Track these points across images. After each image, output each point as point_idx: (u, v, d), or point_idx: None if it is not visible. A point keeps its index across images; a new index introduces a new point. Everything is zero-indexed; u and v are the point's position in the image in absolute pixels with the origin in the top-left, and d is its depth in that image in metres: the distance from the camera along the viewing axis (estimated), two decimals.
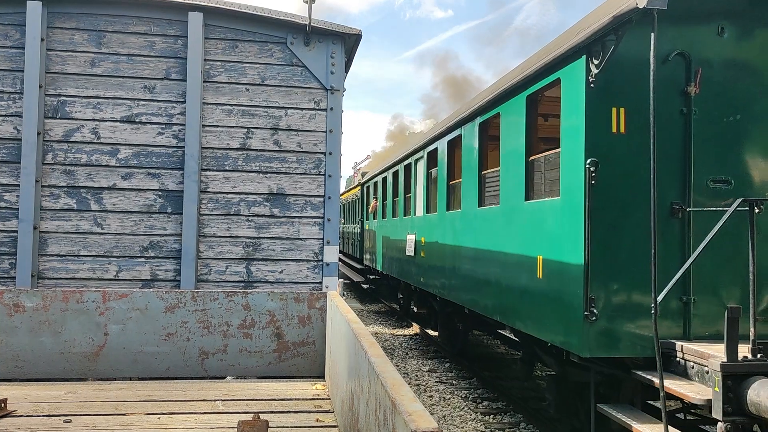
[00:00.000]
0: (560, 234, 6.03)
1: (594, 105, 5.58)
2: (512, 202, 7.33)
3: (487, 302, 8.31)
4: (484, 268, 8.35)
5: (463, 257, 9.34)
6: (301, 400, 4.69)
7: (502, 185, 7.68)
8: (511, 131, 7.43)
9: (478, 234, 8.64)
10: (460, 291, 9.54)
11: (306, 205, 5.93)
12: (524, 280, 6.91)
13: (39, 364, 5.19)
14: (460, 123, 9.61)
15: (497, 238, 7.83)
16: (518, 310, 7.18)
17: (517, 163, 7.19)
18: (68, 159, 5.62)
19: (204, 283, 5.75)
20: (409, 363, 11.97)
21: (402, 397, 2.16)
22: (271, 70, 5.91)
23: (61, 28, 5.65)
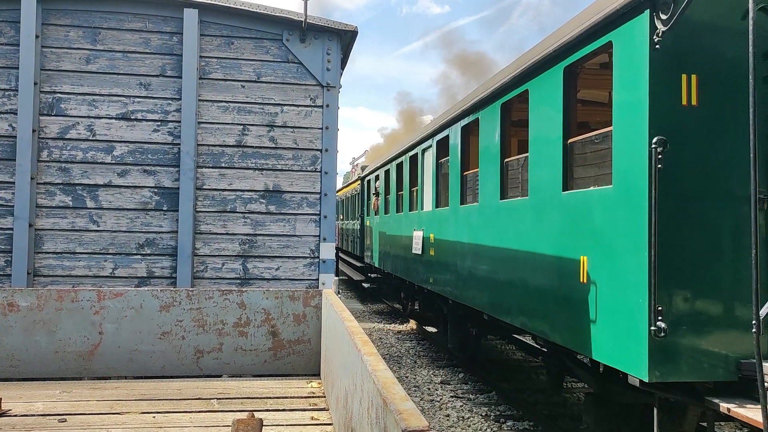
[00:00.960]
0: (614, 230, 5.12)
1: (660, 71, 4.68)
2: (545, 194, 6.38)
3: (510, 308, 7.40)
4: (508, 269, 7.47)
5: (481, 256, 8.43)
6: (296, 398, 4.68)
7: (532, 174, 6.71)
8: (543, 110, 6.48)
9: (499, 230, 7.76)
10: (477, 294, 8.67)
11: (302, 202, 5.91)
12: (561, 284, 6.02)
13: (34, 364, 5.18)
14: (477, 106, 8.66)
15: (524, 235, 6.93)
16: (551, 318, 6.27)
17: (551, 148, 6.22)
18: (63, 156, 5.60)
19: (200, 280, 5.73)
20: (419, 373, 10.94)
21: (393, 395, 2.15)
22: (266, 67, 5.88)
23: (55, 24, 5.62)
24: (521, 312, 7.06)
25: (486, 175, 8.26)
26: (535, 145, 6.66)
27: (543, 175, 6.43)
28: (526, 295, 6.91)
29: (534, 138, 6.71)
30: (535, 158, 6.65)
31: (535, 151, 6.65)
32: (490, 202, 8.07)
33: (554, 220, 6.19)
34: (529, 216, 6.83)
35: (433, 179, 11.23)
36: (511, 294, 7.37)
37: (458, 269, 9.52)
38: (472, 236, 8.80)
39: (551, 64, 6.30)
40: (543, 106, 6.48)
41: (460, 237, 9.44)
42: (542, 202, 6.47)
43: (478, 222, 8.56)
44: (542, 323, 6.48)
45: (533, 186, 6.69)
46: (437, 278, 10.85)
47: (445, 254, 10.30)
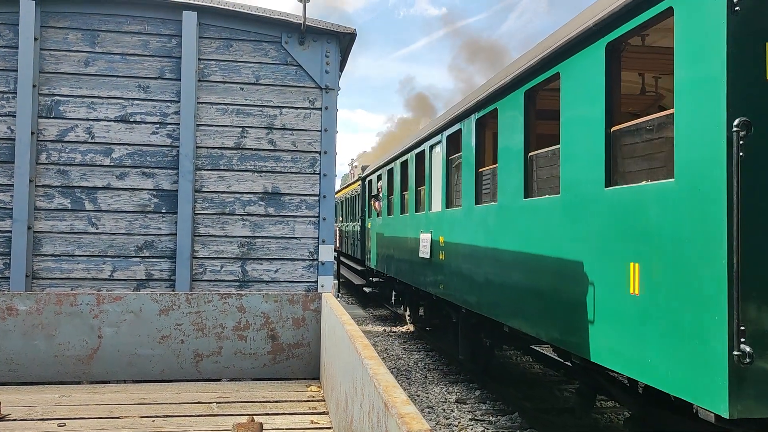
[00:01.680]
0: (677, 233, 4.31)
1: (741, 39, 3.89)
2: (582, 191, 5.64)
3: (537, 321, 6.62)
4: (534, 276, 6.69)
5: (500, 262, 7.65)
6: (295, 402, 4.66)
7: (565, 169, 5.95)
8: (579, 95, 5.73)
9: (522, 233, 6.98)
10: (495, 303, 7.90)
11: (301, 204, 5.90)
12: (603, 296, 5.25)
13: (33, 368, 5.16)
14: (495, 96, 7.84)
15: (554, 238, 6.16)
16: (591, 335, 5.48)
17: (590, 138, 5.50)
18: (62, 159, 5.58)
19: (199, 283, 5.72)
20: (432, 391, 9.86)
21: (395, 399, 2.14)
22: (265, 69, 5.87)
23: (54, 27, 5.61)
24: (552, 326, 6.27)
25: (506, 171, 7.45)
26: (569, 135, 5.88)
27: (579, 169, 5.67)
28: (558, 307, 6.11)
29: (567, 127, 5.92)
30: (569, 151, 5.85)
31: (569, 142, 5.86)
32: (512, 201, 7.26)
33: (594, 220, 5.42)
34: (560, 216, 6.03)
35: (442, 177, 10.37)
36: (539, 305, 6.56)
37: (473, 275, 8.76)
38: (490, 239, 8.04)
39: (591, 41, 5.51)
40: (579, 90, 5.71)
41: (474, 240, 8.65)
42: (578, 200, 5.68)
43: (497, 223, 7.79)
44: (578, 339, 5.66)
45: (566, 182, 5.89)
46: (448, 284, 10.03)
47: (456, 258, 9.52)
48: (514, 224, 7.20)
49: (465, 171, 9.10)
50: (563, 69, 6.05)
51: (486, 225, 8.18)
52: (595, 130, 5.43)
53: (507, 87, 7.43)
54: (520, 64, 7.06)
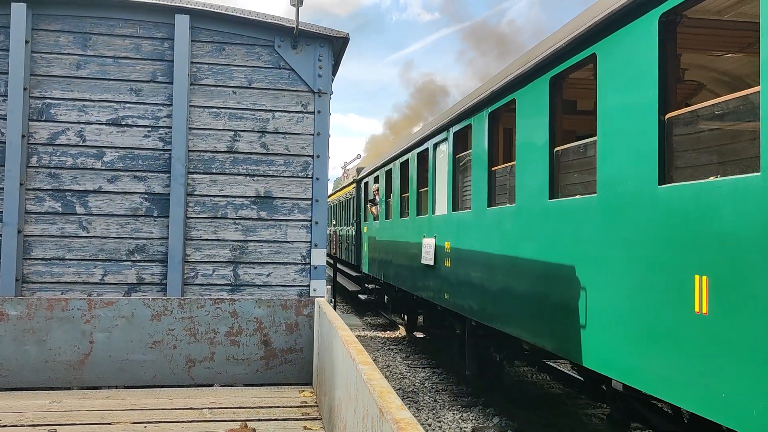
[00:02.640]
0: (763, 239, 3.57)
1: None
2: (626, 189, 4.89)
3: (569, 339, 5.78)
4: (559, 289, 5.98)
5: (519, 271, 6.87)
6: (288, 407, 4.65)
7: (603, 165, 5.26)
8: (622, 78, 5.03)
9: (548, 238, 6.22)
10: (511, 317, 7.11)
11: (293, 208, 5.89)
12: (659, 314, 4.45)
13: (23, 373, 5.12)
14: (513, 85, 7.08)
15: (590, 245, 5.39)
16: (640, 360, 4.66)
17: (637, 127, 4.78)
18: (53, 162, 5.55)
19: (191, 287, 5.69)
20: (444, 417, 8.75)
21: (390, 404, 2.13)
22: (258, 73, 5.86)
23: (46, 30, 5.58)
24: (586, 347, 5.48)
25: (527, 169, 6.72)
26: (610, 125, 5.18)
27: (623, 165, 4.98)
28: (595, 326, 5.34)
29: (606, 117, 5.26)
30: (610, 143, 5.19)
31: (610, 133, 5.18)
32: (534, 202, 6.51)
33: (643, 224, 4.68)
34: (597, 220, 5.31)
35: (449, 178, 9.57)
36: (567, 322, 5.78)
37: (485, 285, 7.97)
38: (506, 245, 7.27)
39: (639, 13, 4.80)
40: (623, 72, 5.02)
41: (487, 246, 7.89)
42: (622, 200, 4.98)
43: (515, 228, 7.02)
44: (622, 364, 4.91)
45: (606, 180, 5.21)
46: (454, 294, 9.26)
47: (465, 266, 8.75)
48: (537, 229, 6.45)
49: (475, 170, 8.36)
50: (602, 49, 5.31)
51: (501, 229, 7.46)
52: (644, 118, 4.67)
53: (528, 74, 6.64)
54: (544, 48, 6.25)
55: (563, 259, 5.91)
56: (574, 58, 5.79)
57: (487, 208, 7.92)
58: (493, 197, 7.89)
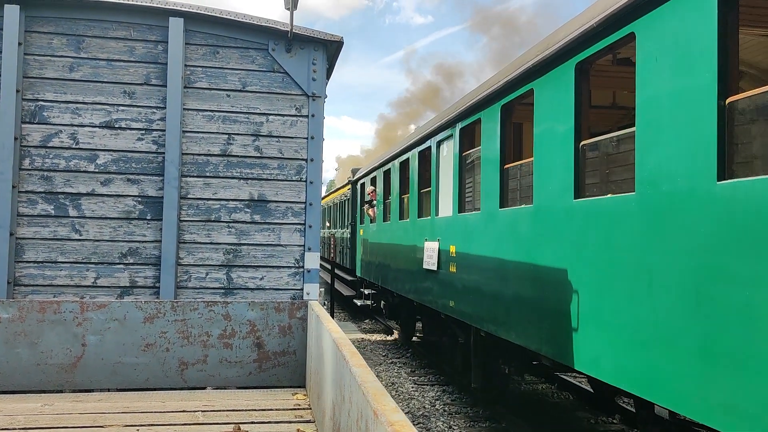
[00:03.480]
0: None
1: None
2: (675, 186, 4.26)
3: (601, 357, 5.16)
4: (589, 300, 5.31)
5: (538, 279, 6.28)
6: (281, 410, 4.64)
7: (643, 158, 4.63)
8: (665, 61, 4.42)
9: (573, 243, 5.58)
10: (529, 330, 6.49)
11: (287, 212, 5.89)
12: (720, 333, 3.84)
13: (15, 377, 5.09)
14: (530, 74, 6.49)
15: (630, 250, 4.74)
16: (699, 384, 3.98)
17: (687, 114, 4.16)
18: (46, 164, 5.53)
19: (184, 290, 5.68)
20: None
21: (384, 407, 2.14)
22: (252, 77, 5.87)
23: (39, 32, 5.57)
24: (628, 369, 4.76)
25: (548, 166, 6.14)
26: (652, 114, 4.57)
27: (670, 159, 4.36)
28: (636, 345, 4.66)
29: (648, 105, 4.63)
30: (651, 135, 4.57)
31: (652, 123, 4.57)
32: (556, 202, 5.95)
33: (697, 227, 4.04)
34: (636, 221, 4.69)
35: (454, 177, 8.98)
36: (604, 338, 5.11)
37: (496, 293, 7.39)
38: (521, 250, 6.69)
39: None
40: (669, 52, 4.39)
41: (498, 251, 7.31)
42: (668, 199, 4.34)
43: (533, 230, 6.43)
44: (674, 389, 4.22)
45: (647, 176, 4.62)
46: (460, 302, 8.66)
47: (473, 272, 8.17)
48: (559, 231, 5.87)
49: (485, 168, 7.78)
50: (643, 26, 4.69)
51: (515, 232, 6.86)
52: (699, 103, 4.07)
53: (550, 61, 6.03)
54: (569, 31, 5.68)
55: (591, 267, 5.28)
56: (607, 39, 5.14)
57: (498, 210, 7.37)
58: (506, 197, 7.33)
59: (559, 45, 5.78)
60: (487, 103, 7.76)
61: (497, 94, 7.39)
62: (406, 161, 12.36)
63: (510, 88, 7.08)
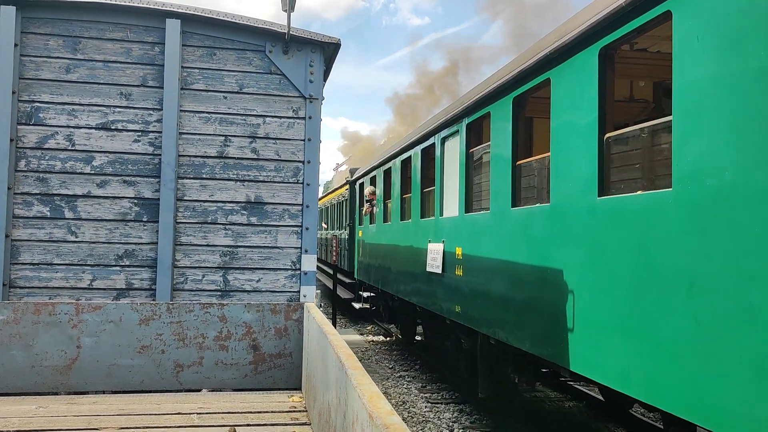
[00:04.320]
0: None
1: None
2: (723, 180, 3.77)
3: (625, 370, 4.65)
4: (618, 308, 4.76)
5: (557, 284, 5.74)
6: (277, 412, 4.63)
7: (683, 151, 4.12)
8: (711, 41, 3.92)
9: (599, 244, 5.08)
10: (547, 338, 5.93)
11: (284, 214, 5.88)
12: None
13: (9, 378, 5.07)
14: (546, 63, 6.00)
15: (669, 252, 4.22)
16: (745, 401, 3.54)
17: (740, 100, 3.69)
18: (42, 166, 5.52)
19: (180, 292, 5.67)
20: None
21: (379, 410, 2.13)
22: (249, 78, 5.86)
23: (35, 33, 5.55)
24: (679, 391, 4.09)
25: (566, 160, 5.68)
26: (693, 101, 4.06)
27: (714, 149, 3.85)
28: (676, 359, 4.11)
29: (686, 91, 4.13)
30: (694, 125, 4.05)
31: (694, 111, 4.05)
32: (576, 201, 5.49)
33: (752, 227, 3.56)
34: (674, 221, 4.18)
35: (460, 175, 8.53)
36: (634, 352, 4.55)
37: (507, 299, 6.92)
38: (536, 253, 6.23)
39: None
40: (713, 31, 3.91)
41: (510, 253, 6.84)
42: (716, 195, 3.82)
43: (550, 231, 5.96)
44: (725, 410, 3.71)
45: (685, 170, 4.09)
46: (467, 307, 8.20)
47: (481, 276, 7.72)
48: (581, 231, 5.39)
49: (495, 165, 7.32)
50: (679, 4, 4.23)
51: (529, 233, 6.41)
52: (746, 86, 3.64)
53: (570, 47, 5.61)
54: (593, 12, 5.21)
55: (618, 271, 4.80)
56: (637, 20, 4.67)
57: (510, 209, 6.87)
58: (518, 196, 6.84)
59: (580, 29, 5.32)
60: (498, 95, 7.29)
61: (509, 85, 6.92)
62: (407, 159, 11.85)
63: (523, 79, 6.60)
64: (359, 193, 17.82)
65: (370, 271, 15.38)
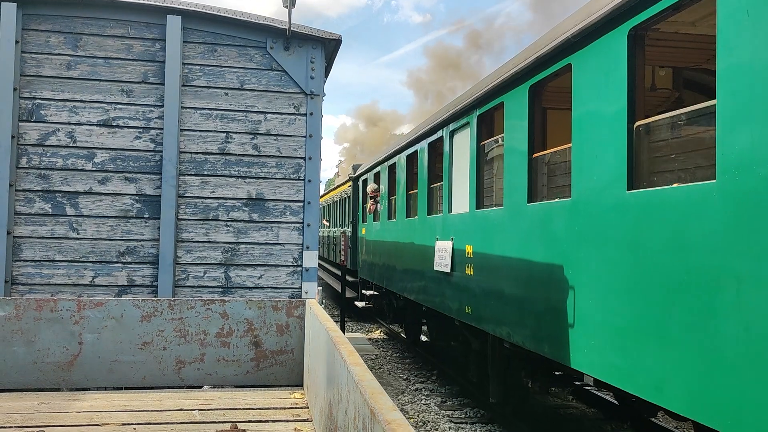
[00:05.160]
0: None
1: None
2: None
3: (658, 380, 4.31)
4: (656, 313, 4.35)
5: (580, 287, 5.38)
6: (279, 409, 4.63)
7: (729, 140, 3.76)
8: (763, 12, 3.56)
9: (628, 242, 4.70)
10: (566, 342, 5.54)
11: (285, 210, 5.88)
12: None
13: (11, 375, 5.08)
14: (567, 47, 5.62)
15: (714, 252, 3.85)
16: None
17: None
18: (43, 163, 5.52)
19: (182, 289, 5.67)
20: None
21: (381, 405, 2.13)
22: (250, 75, 5.85)
23: (36, 30, 5.55)
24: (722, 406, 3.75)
25: (590, 152, 5.32)
26: (739, 83, 3.73)
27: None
28: (725, 372, 3.74)
29: (733, 72, 3.78)
30: (740, 108, 3.71)
31: (737, 94, 3.74)
32: (603, 195, 5.09)
33: None
34: (720, 217, 3.81)
35: (471, 169, 8.16)
36: (673, 362, 4.17)
37: (523, 301, 6.53)
38: (555, 251, 5.85)
39: None
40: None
41: (526, 252, 6.49)
42: (764, 188, 3.50)
43: (572, 228, 5.58)
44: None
45: (732, 160, 3.73)
46: (478, 308, 7.80)
47: (494, 275, 7.36)
48: (608, 228, 5.01)
49: (510, 158, 6.95)
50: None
51: (548, 230, 6.05)
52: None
53: (594, 30, 5.25)
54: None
55: (651, 270, 4.41)
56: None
57: (526, 205, 6.51)
58: (535, 191, 6.47)
59: (607, 8, 4.95)
60: (512, 84, 6.90)
61: (525, 73, 6.55)
62: (413, 154, 11.42)
63: (541, 66, 6.20)
64: (362, 190, 17.61)
65: (374, 269, 15.12)
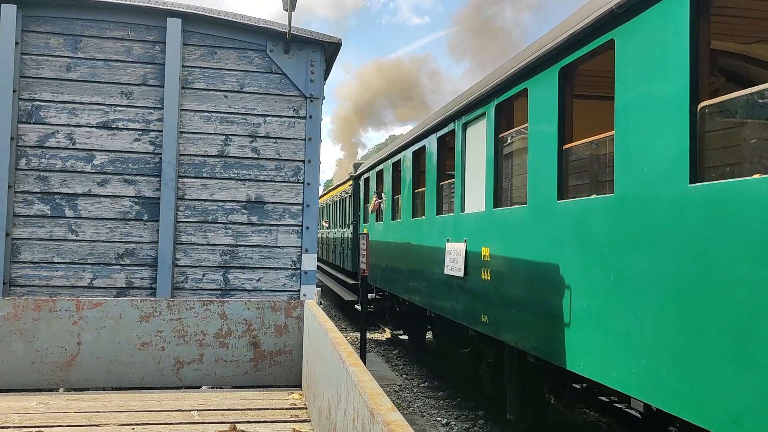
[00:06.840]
0: None
1: None
2: None
3: (750, 416, 3.52)
4: (729, 326, 3.69)
5: (630, 297, 4.64)
6: (277, 409, 4.64)
7: None
8: None
9: (690, 246, 4.03)
10: (625, 369, 4.67)
11: (284, 213, 5.90)
12: None
13: (9, 375, 5.08)
14: (608, 21, 4.95)
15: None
16: None
17: None
18: (42, 165, 5.53)
19: (180, 291, 5.68)
20: None
21: (380, 406, 2.14)
22: (250, 77, 5.88)
23: (36, 32, 5.57)
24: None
25: (639, 140, 4.62)
26: None
27: None
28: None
29: None
30: None
31: None
32: (657, 190, 4.39)
33: None
34: None
35: (488, 164, 7.50)
36: (754, 388, 3.49)
37: (555, 312, 5.77)
38: (595, 255, 5.17)
39: None
40: None
41: (555, 256, 5.79)
42: None
43: (616, 230, 4.88)
44: None
45: None
46: (496, 317, 7.13)
47: (515, 281, 6.66)
48: (664, 230, 4.30)
49: (535, 150, 6.27)
50: None
51: (585, 231, 5.34)
52: None
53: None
54: None
55: (725, 277, 3.75)
56: None
57: (556, 202, 5.83)
58: (566, 186, 5.79)
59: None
60: (539, 67, 6.22)
61: (554, 55, 5.87)
62: (420, 150, 10.72)
63: (574, 45, 5.48)
64: (363, 189, 17.30)
65: (377, 272, 14.51)
